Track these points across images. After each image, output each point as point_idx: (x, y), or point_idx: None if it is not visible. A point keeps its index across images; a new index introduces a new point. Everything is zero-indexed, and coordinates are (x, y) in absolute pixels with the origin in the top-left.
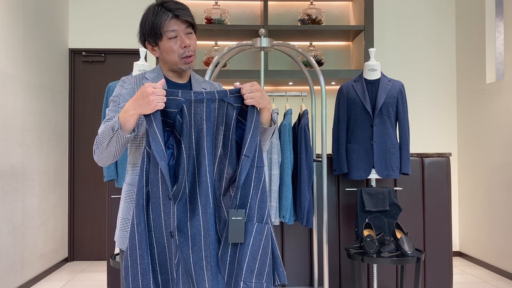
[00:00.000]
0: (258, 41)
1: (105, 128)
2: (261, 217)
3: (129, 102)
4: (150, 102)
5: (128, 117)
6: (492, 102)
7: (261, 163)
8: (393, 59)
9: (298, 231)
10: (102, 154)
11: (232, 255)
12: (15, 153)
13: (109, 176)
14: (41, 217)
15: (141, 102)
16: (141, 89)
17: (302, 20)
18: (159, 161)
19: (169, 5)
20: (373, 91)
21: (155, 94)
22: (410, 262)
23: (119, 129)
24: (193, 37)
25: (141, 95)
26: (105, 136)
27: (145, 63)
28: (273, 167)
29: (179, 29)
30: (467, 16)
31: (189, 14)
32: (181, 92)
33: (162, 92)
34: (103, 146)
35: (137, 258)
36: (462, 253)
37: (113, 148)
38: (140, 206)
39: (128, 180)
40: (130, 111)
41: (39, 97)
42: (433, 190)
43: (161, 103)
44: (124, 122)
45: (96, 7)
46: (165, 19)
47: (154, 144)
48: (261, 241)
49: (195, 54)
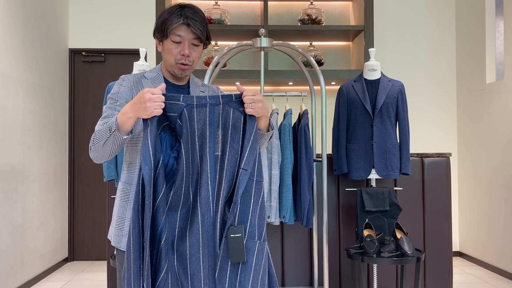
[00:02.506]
0: (258, 41)
1: (102, 128)
2: (260, 234)
3: (128, 105)
4: (146, 108)
5: (126, 119)
6: (492, 102)
7: (260, 177)
8: (393, 59)
9: (298, 231)
10: (98, 152)
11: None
12: (15, 153)
13: (109, 176)
14: (41, 217)
15: (138, 106)
16: (140, 94)
17: (302, 20)
18: (143, 166)
19: (187, 11)
20: (373, 91)
21: (152, 101)
22: (410, 262)
23: (116, 131)
24: (198, 50)
25: (139, 99)
26: (101, 136)
27: (145, 63)
28: (273, 167)
29: (186, 37)
30: (467, 16)
31: (202, 27)
32: (183, 97)
33: (161, 98)
34: (99, 145)
35: (131, 261)
36: (462, 253)
37: (109, 147)
38: (135, 210)
39: (124, 179)
40: (128, 113)
41: (39, 97)
42: (433, 190)
43: (158, 110)
44: (121, 124)
45: (96, 7)
46: (176, 22)
47: (143, 149)
48: (263, 259)
49: (192, 65)
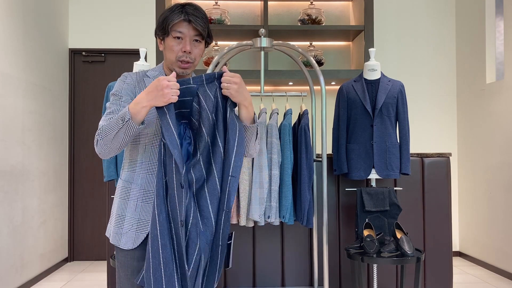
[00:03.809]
0: (258, 41)
1: (113, 119)
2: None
3: (142, 94)
4: (164, 95)
5: (140, 108)
6: (492, 102)
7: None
8: (393, 59)
9: (298, 231)
10: (106, 145)
11: None
12: (15, 153)
13: (109, 176)
14: (41, 217)
15: (155, 94)
16: (155, 82)
17: (302, 20)
18: (172, 151)
19: (188, 8)
20: (373, 91)
21: (170, 88)
22: (410, 262)
23: (130, 120)
24: (199, 47)
25: (155, 87)
26: (112, 127)
27: (145, 63)
28: (273, 167)
29: (187, 33)
30: (467, 16)
31: (202, 24)
32: (192, 79)
33: (177, 85)
34: (108, 138)
35: (159, 248)
36: (462, 253)
37: (120, 139)
38: (161, 196)
39: (124, 177)
40: (143, 102)
41: (39, 97)
42: (433, 190)
43: (175, 96)
44: (135, 114)
45: (96, 7)
46: (177, 18)
47: (168, 135)
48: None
49: (194, 63)
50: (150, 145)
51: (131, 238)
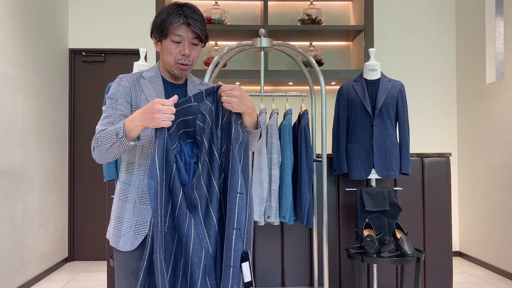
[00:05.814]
0: (258, 41)
1: (108, 132)
2: None
3: (137, 113)
4: (154, 119)
5: (133, 127)
6: (492, 102)
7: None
8: (393, 59)
9: (298, 231)
10: (101, 154)
11: None
12: (15, 153)
13: (109, 176)
14: (41, 217)
15: (147, 116)
16: (150, 104)
17: (302, 20)
18: (148, 180)
19: (187, 10)
20: (373, 91)
21: (161, 113)
22: (410, 262)
23: (123, 137)
24: (197, 49)
25: (148, 110)
26: (107, 139)
27: (145, 63)
28: (273, 167)
29: (186, 36)
30: (467, 16)
31: (201, 26)
32: (193, 97)
33: (171, 110)
34: (103, 148)
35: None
36: (462, 253)
37: (114, 151)
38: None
39: (122, 179)
40: (137, 121)
41: (39, 97)
42: (433, 190)
43: (167, 122)
44: (129, 131)
45: (96, 7)
46: (176, 21)
47: (150, 162)
48: None
49: (192, 65)
50: (147, 147)
51: (129, 240)
